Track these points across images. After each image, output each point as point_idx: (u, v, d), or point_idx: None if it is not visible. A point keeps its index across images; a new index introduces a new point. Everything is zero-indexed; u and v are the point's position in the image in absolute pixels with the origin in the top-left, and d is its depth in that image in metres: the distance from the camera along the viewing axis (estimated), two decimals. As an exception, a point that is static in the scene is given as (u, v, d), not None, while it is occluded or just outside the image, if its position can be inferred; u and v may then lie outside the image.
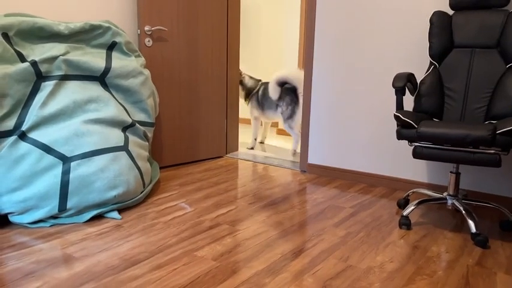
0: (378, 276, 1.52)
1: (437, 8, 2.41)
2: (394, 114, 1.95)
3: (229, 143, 3.58)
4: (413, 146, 1.94)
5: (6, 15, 2.07)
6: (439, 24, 2.19)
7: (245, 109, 5.66)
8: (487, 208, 2.34)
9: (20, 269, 1.50)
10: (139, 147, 2.36)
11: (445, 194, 2.09)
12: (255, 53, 5.43)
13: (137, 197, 2.21)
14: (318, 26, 2.87)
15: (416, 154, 1.91)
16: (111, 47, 2.38)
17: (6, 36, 1.97)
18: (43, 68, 2.03)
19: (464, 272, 1.57)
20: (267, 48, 5.32)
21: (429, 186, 2.56)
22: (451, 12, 2.36)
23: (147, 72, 2.50)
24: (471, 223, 1.86)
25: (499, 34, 2.08)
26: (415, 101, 2.21)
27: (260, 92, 3.79)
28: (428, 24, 2.43)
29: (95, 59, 2.25)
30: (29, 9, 2.30)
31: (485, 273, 1.56)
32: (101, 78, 2.27)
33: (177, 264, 1.57)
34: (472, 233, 1.84)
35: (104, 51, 2.35)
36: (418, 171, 2.59)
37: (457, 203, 2.00)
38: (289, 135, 4.74)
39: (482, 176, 2.38)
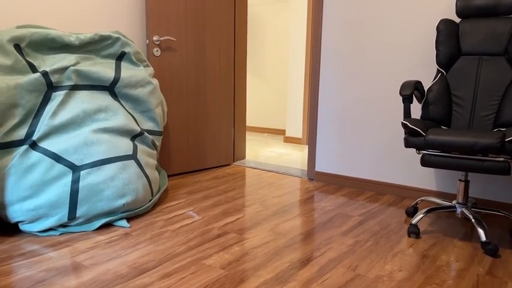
0: (387, 285, 1.51)
1: (444, 16, 2.41)
2: (402, 122, 1.95)
3: (237, 151, 3.59)
4: (421, 154, 1.94)
5: (18, 27, 2.11)
6: (446, 32, 2.19)
7: (252, 117, 5.69)
8: (497, 216, 2.31)
9: (30, 277, 1.52)
10: (147, 156, 2.38)
11: (454, 202, 2.07)
12: (262, 61, 5.46)
13: (145, 206, 2.23)
14: (324, 34, 2.89)
15: (425, 162, 1.91)
16: (120, 57, 2.41)
17: (18, 47, 2.01)
18: (54, 78, 2.06)
19: (475, 281, 1.55)
20: (274, 57, 5.35)
21: (438, 194, 2.54)
22: (457, 20, 2.36)
23: (155, 81, 2.53)
24: (481, 231, 1.84)
25: (506, 41, 2.08)
26: (423, 108, 2.21)
27: None
28: (436, 32, 2.44)
29: (104, 69, 2.28)
30: (40, 21, 2.35)
31: (496, 283, 1.54)
32: (110, 87, 2.30)
33: (185, 272, 1.57)
34: (482, 242, 1.82)
35: (113, 61, 2.39)
36: (426, 179, 2.58)
37: (466, 211, 1.98)
38: (296, 143, 4.74)
39: (491, 183, 2.36)
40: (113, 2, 2.68)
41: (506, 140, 1.69)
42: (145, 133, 2.41)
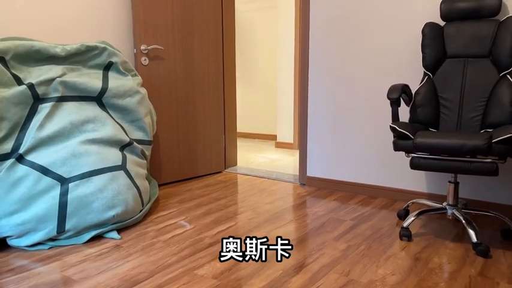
0: (380, 290, 1.51)
1: (429, 20, 2.44)
2: (390, 126, 1.96)
3: (228, 158, 3.58)
4: (410, 157, 1.95)
5: (1, 40, 2.09)
6: (431, 35, 2.22)
7: (243, 123, 5.68)
8: (487, 217, 2.33)
9: (19, 294, 1.49)
10: (137, 166, 2.36)
11: (444, 203, 2.08)
12: (252, 67, 5.47)
13: (136, 216, 2.21)
14: (312, 38, 2.90)
15: (414, 165, 1.92)
16: (108, 67, 2.40)
17: (2, 60, 1.99)
18: (40, 90, 2.04)
19: (467, 282, 1.56)
20: (263, 62, 5.36)
21: (429, 196, 2.55)
22: (442, 23, 2.39)
23: (143, 91, 2.52)
24: (472, 232, 1.85)
25: (490, 43, 2.10)
26: (411, 111, 2.22)
27: None
28: (421, 35, 2.46)
29: (91, 79, 2.27)
30: (25, 31, 2.33)
31: (488, 284, 1.54)
32: (98, 98, 2.28)
33: (177, 284, 1.56)
34: (473, 243, 1.83)
35: (101, 71, 2.37)
36: (417, 181, 2.59)
37: (456, 213, 1.99)
38: (288, 148, 4.75)
39: (481, 184, 2.38)
40: (99, 11, 2.67)
41: (493, 141, 1.71)
42: (135, 143, 2.39)
